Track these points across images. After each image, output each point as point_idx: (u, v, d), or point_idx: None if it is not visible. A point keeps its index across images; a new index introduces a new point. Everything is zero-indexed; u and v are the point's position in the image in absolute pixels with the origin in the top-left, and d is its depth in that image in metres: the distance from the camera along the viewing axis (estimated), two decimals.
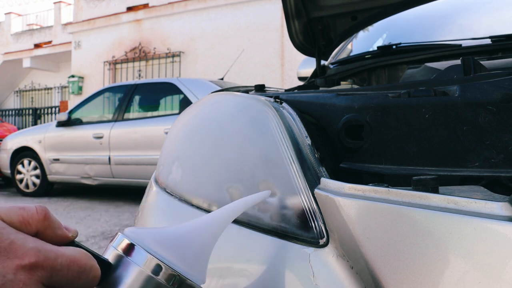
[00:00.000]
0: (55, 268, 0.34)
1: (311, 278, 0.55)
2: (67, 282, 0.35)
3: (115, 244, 0.42)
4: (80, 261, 0.36)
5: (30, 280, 0.33)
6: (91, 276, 0.37)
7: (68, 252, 0.36)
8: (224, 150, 0.73)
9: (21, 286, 0.32)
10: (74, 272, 0.35)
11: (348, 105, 0.73)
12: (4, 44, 17.93)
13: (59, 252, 0.35)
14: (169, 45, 11.27)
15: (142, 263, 0.40)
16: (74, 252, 0.36)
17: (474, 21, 1.57)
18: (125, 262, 0.41)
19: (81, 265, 0.36)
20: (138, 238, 0.42)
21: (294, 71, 8.95)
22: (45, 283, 0.34)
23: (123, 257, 0.41)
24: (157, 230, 0.45)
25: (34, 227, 0.36)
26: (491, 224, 0.43)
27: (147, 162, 5.13)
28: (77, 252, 0.37)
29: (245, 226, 0.65)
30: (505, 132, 0.62)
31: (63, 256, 0.35)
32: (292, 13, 1.33)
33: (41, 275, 0.34)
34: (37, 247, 0.34)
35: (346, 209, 0.52)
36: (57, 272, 0.34)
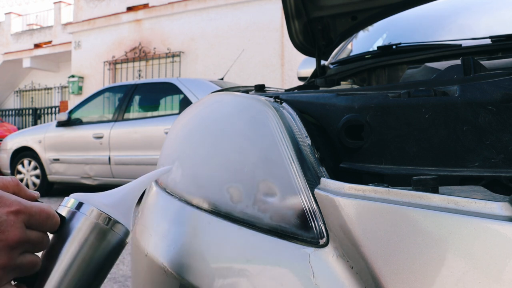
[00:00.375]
0: (31, 213, 0.50)
1: (311, 278, 0.55)
2: (38, 224, 0.51)
3: (64, 203, 0.58)
4: (46, 210, 0.52)
5: (17, 220, 0.48)
6: (54, 221, 0.53)
7: (38, 204, 0.52)
8: (224, 150, 0.73)
9: (12, 224, 0.47)
10: (43, 217, 0.51)
11: (348, 105, 0.73)
12: (4, 44, 17.93)
13: (32, 203, 0.51)
14: (169, 45, 11.28)
15: (87, 212, 0.57)
16: (41, 205, 0.52)
17: (474, 21, 1.57)
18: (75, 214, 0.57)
19: (47, 212, 0.52)
20: (83, 198, 0.58)
21: (294, 71, 8.95)
22: (25, 224, 0.49)
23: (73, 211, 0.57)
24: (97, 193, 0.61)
25: (11, 189, 0.51)
26: (491, 224, 0.43)
27: (147, 162, 5.13)
28: (43, 205, 0.52)
29: (245, 226, 0.65)
30: (505, 132, 0.62)
31: (36, 206, 0.51)
32: (292, 13, 1.33)
33: (23, 217, 0.49)
34: (18, 199, 0.49)
35: (346, 209, 0.52)
36: (32, 217, 0.50)
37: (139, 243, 0.79)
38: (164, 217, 0.78)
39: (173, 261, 0.69)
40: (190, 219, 0.71)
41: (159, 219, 0.79)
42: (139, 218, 0.85)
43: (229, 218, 0.67)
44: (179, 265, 0.67)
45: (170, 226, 0.75)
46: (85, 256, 0.56)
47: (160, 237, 0.75)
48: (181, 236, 0.71)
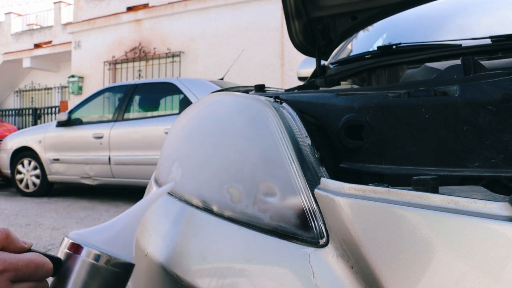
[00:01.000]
0: (17, 269, 0.51)
1: (311, 278, 0.55)
2: (28, 276, 0.52)
3: (63, 246, 0.58)
4: (35, 261, 0.53)
5: (1, 279, 0.49)
6: (45, 269, 0.54)
7: (26, 256, 0.53)
8: (224, 150, 0.73)
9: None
10: (32, 268, 0.52)
11: (348, 105, 0.73)
12: (4, 44, 17.93)
13: (19, 257, 0.52)
14: (169, 45, 11.27)
15: (84, 254, 0.56)
16: (30, 256, 0.53)
17: (474, 21, 1.57)
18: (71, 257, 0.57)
19: (36, 263, 0.53)
20: (79, 238, 0.58)
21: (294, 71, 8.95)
22: (12, 280, 0.51)
23: (70, 253, 0.57)
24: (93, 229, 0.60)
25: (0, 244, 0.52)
26: (491, 224, 0.43)
27: (147, 162, 5.12)
28: (32, 255, 0.53)
29: (245, 226, 0.65)
30: (505, 132, 0.62)
31: (22, 260, 0.52)
32: (292, 13, 1.33)
33: (8, 275, 0.50)
34: (3, 257, 0.51)
35: (346, 209, 0.52)
36: (19, 271, 0.51)
37: (139, 243, 0.79)
38: (164, 217, 0.78)
39: (173, 261, 0.69)
40: (190, 219, 0.71)
41: (159, 219, 0.79)
42: None
43: (229, 218, 0.67)
44: (179, 265, 0.67)
45: (170, 226, 0.75)
46: None
47: (160, 237, 0.75)
48: (181, 236, 0.71)
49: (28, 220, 4.41)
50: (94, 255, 0.56)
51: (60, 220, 4.36)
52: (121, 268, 0.58)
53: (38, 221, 4.35)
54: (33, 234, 3.76)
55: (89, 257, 0.56)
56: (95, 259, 0.56)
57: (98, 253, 0.56)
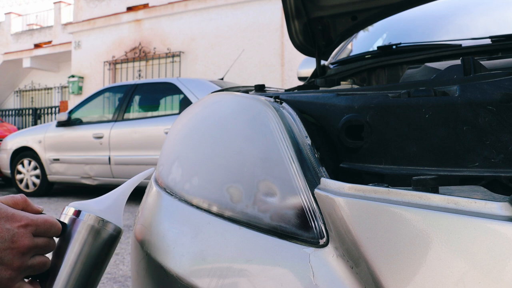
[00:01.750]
0: (37, 224, 0.62)
1: (311, 278, 0.55)
2: (44, 232, 0.63)
3: (65, 212, 0.71)
4: (49, 220, 0.64)
5: (26, 232, 0.60)
6: (57, 228, 0.65)
7: (42, 216, 0.64)
8: (224, 150, 0.73)
9: (22, 235, 0.59)
10: (47, 226, 0.63)
11: (348, 105, 0.73)
12: (4, 44, 17.93)
13: (38, 216, 0.63)
14: (169, 45, 11.28)
15: (84, 218, 0.69)
16: (45, 216, 0.64)
17: (474, 21, 1.57)
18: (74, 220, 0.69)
19: (50, 222, 0.64)
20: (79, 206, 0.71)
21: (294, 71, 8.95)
22: (33, 233, 0.61)
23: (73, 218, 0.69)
24: (92, 200, 0.74)
25: (21, 205, 0.64)
26: (491, 224, 0.43)
27: (147, 162, 5.12)
28: (46, 216, 0.64)
29: (245, 226, 0.65)
30: (505, 132, 0.62)
31: (40, 218, 0.63)
32: (292, 13, 1.33)
33: (31, 229, 0.61)
34: (26, 215, 0.61)
35: (346, 209, 0.52)
36: (39, 227, 0.62)
37: (139, 243, 0.79)
38: (164, 217, 0.78)
39: (173, 261, 0.69)
40: (190, 219, 0.71)
41: (159, 219, 0.79)
42: (139, 218, 0.85)
43: (229, 218, 0.67)
44: (179, 265, 0.67)
45: (170, 226, 0.75)
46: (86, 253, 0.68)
47: (160, 237, 0.75)
48: (181, 236, 0.71)
49: None
50: (93, 218, 0.69)
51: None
52: (112, 230, 0.71)
53: None
54: None
55: (88, 220, 0.69)
56: (93, 222, 0.69)
57: (95, 217, 0.69)
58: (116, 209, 0.74)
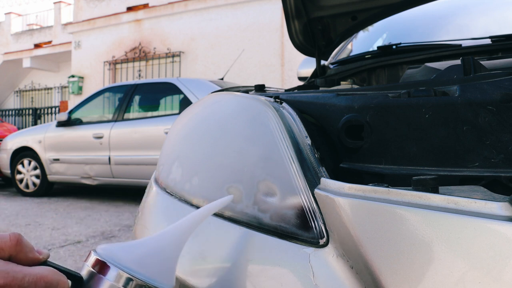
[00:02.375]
0: (22, 286, 0.40)
1: (311, 278, 0.55)
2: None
3: (88, 262, 0.46)
4: (47, 277, 0.41)
5: None
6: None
7: (36, 271, 0.41)
8: (224, 150, 0.73)
9: None
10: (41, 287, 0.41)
11: (348, 105, 0.73)
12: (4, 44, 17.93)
13: (27, 271, 0.41)
14: (169, 45, 11.27)
15: (113, 278, 0.44)
16: (41, 270, 0.42)
17: (474, 21, 1.57)
18: (96, 277, 0.44)
19: (47, 280, 0.41)
20: (108, 255, 0.46)
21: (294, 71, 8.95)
22: None
23: (95, 273, 0.45)
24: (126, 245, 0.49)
25: (7, 252, 0.42)
26: (491, 224, 0.43)
27: (147, 162, 5.12)
28: (44, 270, 0.42)
29: (245, 226, 0.65)
30: (505, 132, 0.62)
31: (30, 274, 0.41)
32: (292, 13, 1.33)
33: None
34: (6, 269, 0.40)
35: (346, 209, 0.52)
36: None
37: None
38: (164, 217, 0.78)
39: None
40: None
41: (159, 219, 0.79)
42: (139, 218, 0.85)
43: (229, 218, 0.67)
44: (179, 265, 0.67)
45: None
46: None
47: None
48: None
49: (28, 220, 4.41)
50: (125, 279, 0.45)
51: (60, 220, 4.36)
52: None
53: (38, 221, 4.35)
54: (33, 234, 3.76)
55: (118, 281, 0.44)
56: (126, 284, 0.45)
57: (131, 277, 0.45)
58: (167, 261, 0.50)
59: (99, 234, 3.77)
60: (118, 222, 4.32)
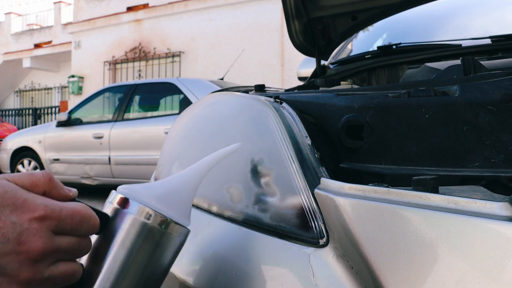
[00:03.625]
0: (60, 218, 0.43)
1: (311, 278, 0.55)
2: (71, 229, 0.44)
3: (111, 200, 0.50)
4: (81, 212, 0.45)
5: (41, 228, 0.41)
6: (91, 224, 0.46)
7: (71, 205, 0.44)
8: None
9: (34, 233, 0.41)
10: (77, 221, 0.44)
11: (348, 105, 0.73)
12: (4, 44, 17.94)
13: (63, 205, 0.44)
14: (169, 45, 11.28)
15: (136, 211, 0.48)
16: (76, 205, 0.45)
17: (474, 21, 1.57)
18: (120, 213, 0.48)
19: (82, 214, 0.45)
20: (130, 193, 0.50)
21: (294, 71, 8.95)
22: (53, 230, 0.43)
23: (118, 209, 0.48)
24: (146, 185, 0.52)
25: (42, 188, 0.44)
26: (491, 224, 0.43)
27: (147, 162, 5.12)
28: (78, 205, 0.45)
29: (245, 226, 0.65)
30: (505, 132, 0.62)
31: (67, 208, 0.44)
32: (292, 13, 1.33)
33: (50, 224, 0.42)
34: (45, 202, 0.43)
35: (346, 209, 0.52)
36: (62, 221, 0.43)
37: None
38: None
39: None
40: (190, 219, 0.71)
41: None
42: None
43: (229, 218, 0.67)
44: (179, 265, 0.67)
45: None
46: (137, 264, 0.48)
47: None
48: None
49: None
50: (147, 213, 0.48)
51: None
52: (176, 233, 0.50)
53: None
54: None
55: (141, 215, 0.48)
56: (148, 218, 0.48)
57: (152, 212, 0.48)
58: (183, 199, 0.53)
59: None
60: None
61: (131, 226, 0.48)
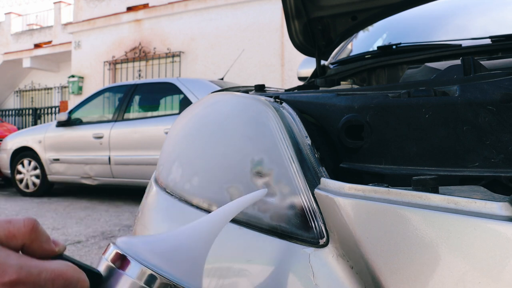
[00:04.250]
0: (38, 283, 0.34)
1: (311, 278, 0.55)
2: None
3: (107, 256, 0.41)
4: (65, 274, 0.36)
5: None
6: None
7: (53, 266, 0.35)
8: (224, 150, 0.73)
9: None
10: (60, 286, 0.35)
11: (348, 105, 0.73)
12: (4, 44, 17.93)
13: (43, 266, 0.35)
14: (169, 45, 11.27)
15: (135, 274, 0.39)
16: (60, 266, 0.36)
17: (474, 21, 1.57)
18: (116, 273, 0.40)
19: (67, 278, 0.36)
20: (129, 248, 0.41)
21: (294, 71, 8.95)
22: None
23: (114, 269, 0.40)
24: (150, 238, 0.44)
25: (20, 240, 0.36)
26: (491, 224, 0.43)
27: (147, 162, 5.13)
28: (63, 265, 0.36)
29: (245, 226, 0.65)
30: (505, 132, 0.62)
31: (47, 270, 0.35)
32: (292, 13, 1.33)
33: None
34: (20, 263, 0.34)
35: (346, 209, 0.52)
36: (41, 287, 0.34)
37: None
38: (164, 217, 0.78)
39: None
40: (190, 219, 0.71)
41: (159, 219, 0.79)
42: (139, 218, 0.85)
43: None
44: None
45: (170, 226, 0.75)
46: None
47: None
48: None
49: None
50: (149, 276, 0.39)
51: (60, 220, 4.35)
52: None
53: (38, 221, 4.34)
54: None
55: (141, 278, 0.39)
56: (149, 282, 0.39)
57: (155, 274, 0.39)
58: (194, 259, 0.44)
59: (99, 234, 3.77)
60: (118, 222, 4.32)
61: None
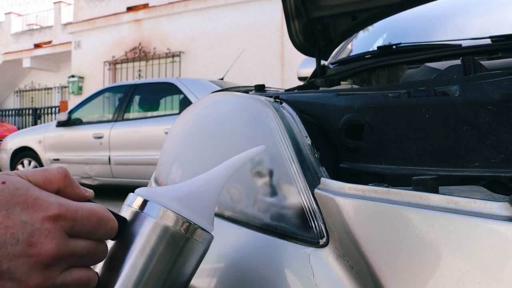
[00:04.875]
0: (76, 219, 0.39)
1: (311, 278, 0.55)
2: (87, 232, 0.40)
3: (129, 203, 0.46)
4: (98, 213, 0.41)
5: (54, 229, 0.38)
6: (109, 227, 0.42)
7: (88, 205, 0.41)
8: (224, 150, 0.73)
9: (46, 234, 0.37)
10: (94, 223, 0.40)
11: (348, 105, 0.73)
12: (4, 44, 17.94)
13: (79, 205, 0.40)
14: (169, 45, 11.28)
15: (157, 215, 0.44)
16: (93, 206, 0.41)
17: (474, 21, 1.57)
18: (140, 216, 0.45)
19: (99, 216, 0.41)
20: (150, 195, 0.46)
21: (294, 71, 8.95)
22: (68, 232, 0.39)
23: (138, 212, 0.45)
24: (166, 187, 0.49)
25: (56, 185, 0.41)
26: (491, 224, 0.43)
27: (147, 162, 5.13)
28: (95, 206, 0.41)
29: (245, 226, 0.65)
30: (505, 132, 0.62)
31: (83, 208, 0.40)
32: (292, 13, 1.33)
33: (64, 224, 0.38)
34: (59, 201, 0.39)
35: (346, 209, 0.52)
36: (78, 222, 0.39)
37: None
38: None
39: None
40: None
41: None
42: None
43: (229, 218, 0.67)
44: None
45: None
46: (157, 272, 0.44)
47: None
48: None
49: None
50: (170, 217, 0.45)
51: None
52: (200, 239, 0.47)
53: None
54: None
55: (163, 218, 0.44)
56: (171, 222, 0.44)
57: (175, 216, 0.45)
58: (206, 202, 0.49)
59: None
60: None
61: (151, 230, 0.44)
